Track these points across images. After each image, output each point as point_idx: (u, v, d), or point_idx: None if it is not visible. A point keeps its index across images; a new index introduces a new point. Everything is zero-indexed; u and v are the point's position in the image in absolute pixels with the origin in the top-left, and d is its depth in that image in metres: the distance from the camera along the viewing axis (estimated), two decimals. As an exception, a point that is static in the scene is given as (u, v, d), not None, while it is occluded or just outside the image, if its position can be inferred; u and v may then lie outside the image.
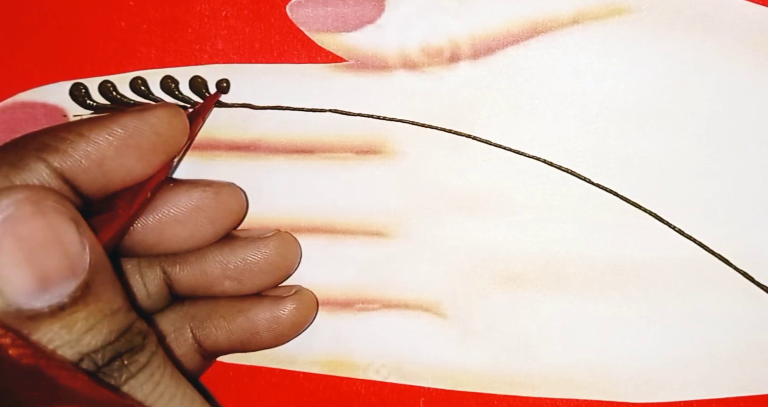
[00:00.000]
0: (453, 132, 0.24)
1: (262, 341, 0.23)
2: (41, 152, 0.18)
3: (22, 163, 0.18)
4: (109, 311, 0.17)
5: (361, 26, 0.24)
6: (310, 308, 0.24)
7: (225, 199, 0.23)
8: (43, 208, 0.16)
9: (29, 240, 0.15)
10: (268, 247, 0.23)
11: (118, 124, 0.19)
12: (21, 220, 0.15)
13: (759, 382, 0.24)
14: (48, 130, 0.19)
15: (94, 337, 0.16)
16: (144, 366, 0.17)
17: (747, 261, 0.23)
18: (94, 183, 0.19)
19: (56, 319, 0.16)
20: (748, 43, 0.23)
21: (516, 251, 0.24)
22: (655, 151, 0.23)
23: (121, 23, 0.25)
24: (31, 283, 0.15)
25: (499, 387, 0.25)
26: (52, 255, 0.16)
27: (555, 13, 0.23)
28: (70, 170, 0.18)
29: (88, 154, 0.19)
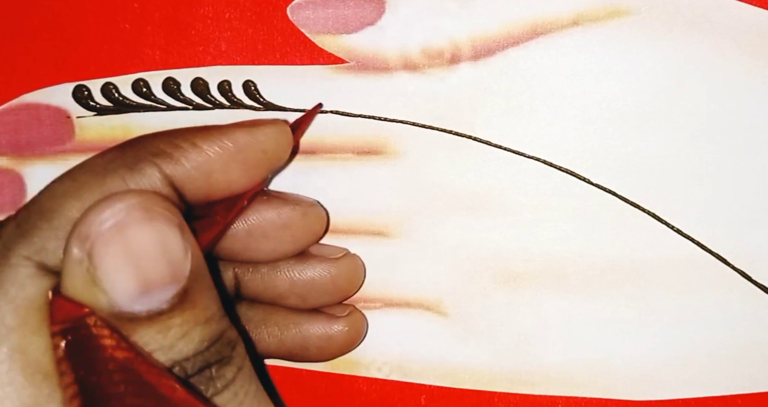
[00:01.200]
0: (453, 132, 0.24)
1: (310, 355, 0.24)
2: (156, 157, 0.18)
3: (137, 167, 0.18)
4: (203, 318, 0.17)
5: (361, 28, 0.24)
6: (360, 330, 0.24)
7: (311, 220, 0.23)
8: (152, 215, 0.16)
9: (137, 245, 0.16)
10: (338, 269, 0.23)
11: (230, 139, 0.20)
12: (131, 226, 0.16)
13: (757, 380, 0.24)
14: (164, 135, 0.19)
15: (187, 345, 0.16)
16: (230, 383, 0.17)
17: (745, 260, 0.23)
18: (199, 192, 0.19)
19: (153, 324, 0.16)
20: (745, 44, 0.23)
21: (516, 250, 0.24)
22: (653, 152, 0.24)
23: (125, 25, 0.25)
24: (134, 287, 0.16)
25: (500, 385, 0.25)
26: (157, 261, 0.16)
27: (555, 15, 0.23)
28: (180, 178, 0.19)
29: (199, 164, 0.19)
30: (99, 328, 0.16)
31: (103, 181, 0.17)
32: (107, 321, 0.16)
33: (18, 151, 0.26)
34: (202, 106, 0.25)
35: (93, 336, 0.15)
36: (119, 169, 0.18)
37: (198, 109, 0.25)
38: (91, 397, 0.15)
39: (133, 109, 0.25)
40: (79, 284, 0.16)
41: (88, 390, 0.15)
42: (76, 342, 0.16)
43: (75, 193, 0.17)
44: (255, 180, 0.21)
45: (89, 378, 0.15)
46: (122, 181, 0.18)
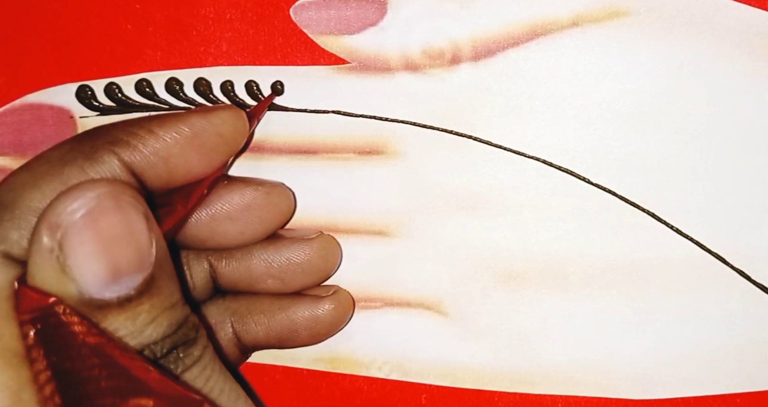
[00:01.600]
0: (454, 133, 0.24)
1: (300, 339, 0.24)
2: (114, 146, 0.18)
3: (95, 155, 0.18)
4: (168, 304, 0.17)
5: (363, 29, 0.24)
6: (347, 308, 0.24)
7: (275, 200, 0.23)
8: (121, 203, 0.16)
9: (107, 233, 0.16)
10: (312, 249, 0.23)
11: (185, 124, 0.20)
12: (102, 214, 0.16)
13: (755, 379, 0.24)
14: (120, 125, 0.19)
15: (155, 329, 0.17)
16: (197, 360, 0.17)
17: (744, 259, 0.24)
18: (159, 178, 0.19)
19: (122, 310, 0.16)
20: (744, 45, 0.23)
21: (516, 250, 0.24)
22: (653, 152, 0.24)
23: (127, 26, 0.25)
24: (104, 274, 0.16)
25: (500, 384, 0.25)
26: (126, 248, 0.16)
27: (554, 16, 0.23)
28: (139, 165, 0.19)
29: (157, 150, 0.19)
30: (68, 316, 0.16)
31: (61, 171, 0.18)
32: (76, 308, 0.16)
33: (21, 151, 0.26)
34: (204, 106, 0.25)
35: (63, 324, 0.16)
36: (77, 158, 0.18)
37: (200, 109, 0.25)
38: (66, 382, 0.15)
39: (136, 109, 0.25)
40: (49, 273, 0.16)
41: (62, 375, 0.15)
42: (45, 329, 0.16)
43: (34, 184, 0.17)
44: (214, 165, 0.21)
45: (63, 363, 0.15)
46: (81, 169, 0.18)
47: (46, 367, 0.16)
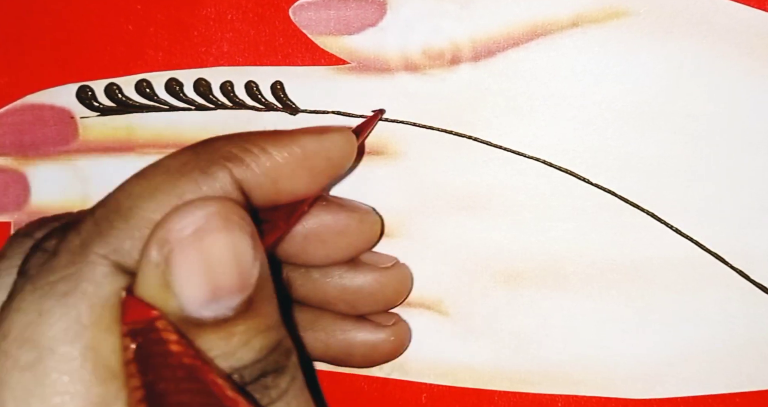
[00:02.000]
0: (454, 133, 0.24)
1: (353, 362, 0.24)
2: (228, 161, 0.18)
3: (210, 170, 0.18)
4: (264, 327, 0.17)
5: (363, 29, 0.24)
6: (404, 340, 0.24)
7: (366, 228, 0.23)
8: (229, 224, 0.16)
9: (212, 253, 0.16)
10: (387, 278, 0.23)
11: (298, 145, 0.20)
12: (209, 234, 0.16)
13: (755, 379, 0.24)
14: (236, 139, 0.19)
15: (248, 353, 0.17)
16: (284, 393, 0.17)
17: (743, 259, 0.24)
18: (266, 197, 0.19)
19: (218, 330, 0.16)
20: (743, 45, 0.23)
21: (516, 250, 0.24)
22: (652, 152, 0.24)
23: (128, 26, 0.25)
24: (204, 294, 0.16)
25: (500, 384, 0.25)
26: (229, 269, 0.16)
27: (554, 16, 0.23)
28: (249, 183, 0.19)
29: (268, 170, 0.19)
30: (167, 333, 0.16)
31: (177, 183, 0.18)
32: (175, 325, 0.16)
33: (22, 152, 0.26)
34: (204, 106, 0.25)
35: (162, 341, 0.16)
36: (193, 171, 0.18)
37: (200, 109, 0.25)
38: (159, 402, 0.15)
39: (136, 109, 0.26)
40: (153, 286, 0.16)
41: (156, 395, 0.15)
42: (145, 344, 0.16)
43: (151, 194, 0.17)
44: (318, 186, 0.21)
45: (157, 383, 0.15)
46: (195, 183, 0.18)
47: (141, 385, 0.16)
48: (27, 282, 0.17)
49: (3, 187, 0.26)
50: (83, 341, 0.16)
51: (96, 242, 0.17)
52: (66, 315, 0.16)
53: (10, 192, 0.26)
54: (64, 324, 0.16)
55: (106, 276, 0.16)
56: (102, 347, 0.16)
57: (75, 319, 0.16)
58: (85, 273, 0.16)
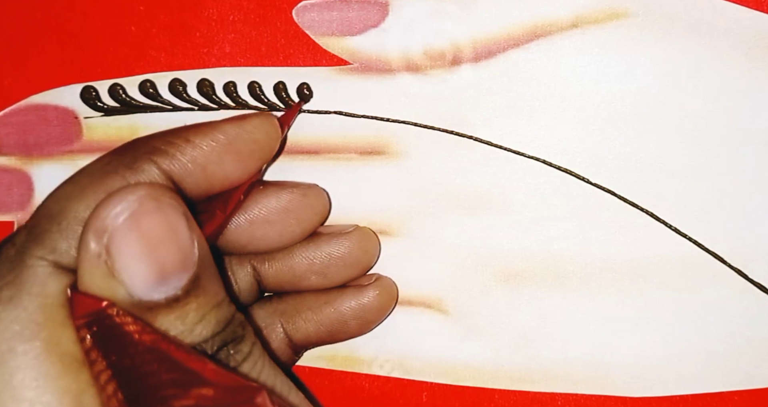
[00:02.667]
0: (455, 133, 0.25)
1: (350, 330, 0.24)
2: (152, 155, 0.19)
3: (136, 165, 0.18)
4: (215, 302, 0.17)
5: (365, 30, 0.24)
6: (391, 293, 0.25)
7: (311, 201, 0.24)
8: (162, 205, 0.16)
9: (150, 235, 0.16)
10: (351, 242, 0.24)
11: (220, 131, 0.20)
12: (144, 216, 0.16)
13: (752, 377, 0.24)
14: (158, 135, 0.20)
15: (204, 327, 0.17)
16: (247, 355, 0.18)
17: (741, 258, 0.24)
18: (197, 185, 0.20)
19: (171, 310, 0.17)
20: (741, 46, 0.23)
21: (516, 249, 0.25)
22: (651, 152, 0.24)
23: (131, 28, 0.26)
24: (151, 276, 0.16)
25: (500, 382, 0.25)
26: (169, 249, 0.16)
27: (554, 18, 0.24)
28: (178, 173, 0.19)
29: (194, 158, 0.19)
30: (122, 317, 0.16)
31: (104, 182, 0.18)
32: (128, 310, 0.16)
33: (26, 151, 0.26)
34: (207, 106, 0.25)
35: (117, 325, 0.16)
36: (118, 168, 0.18)
37: (203, 109, 0.25)
38: (126, 378, 0.16)
39: (139, 109, 0.26)
40: (98, 277, 0.16)
41: (122, 372, 0.16)
42: (101, 331, 0.16)
43: (79, 196, 0.18)
44: (249, 171, 0.21)
45: (122, 361, 0.16)
46: (123, 179, 0.18)
47: (106, 367, 0.16)
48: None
49: (7, 186, 0.26)
50: (41, 337, 0.16)
51: (31, 247, 0.17)
52: (17, 317, 0.16)
53: (14, 191, 0.26)
54: (18, 325, 0.16)
55: (49, 275, 0.17)
56: (62, 340, 0.16)
57: (27, 319, 0.16)
58: (27, 276, 0.17)
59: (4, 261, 0.17)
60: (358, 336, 0.25)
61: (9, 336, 0.16)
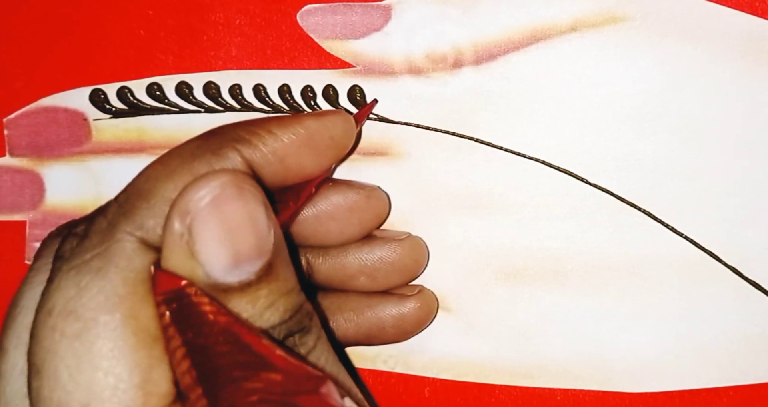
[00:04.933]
0: (456, 134, 0.25)
1: (387, 336, 0.24)
2: (237, 143, 0.19)
3: (221, 151, 0.19)
4: (285, 290, 0.18)
5: (368, 33, 0.25)
6: (432, 307, 0.25)
7: (375, 203, 0.24)
8: (243, 192, 0.17)
9: (230, 220, 0.17)
10: (403, 249, 0.24)
11: (302, 126, 0.21)
12: (225, 201, 0.17)
13: (747, 373, 0.24)
14: (243, 124, 0.20)
15: (273, 314, 0.17)
16: (312, 350, 0.18)
17: (737, 257, 0.24)
18: (275, 176, 0.20)
19: (244, 294, 0.17)
20: (736, 50, 0.23)
21: (517, 248, 0.25)
22: (649, 153, 0.24)
23: (139, 31, 0.26)
24: (227, 259, 0.17)
25: (501, 378, 0.25)
26: (247, 235, 0.17)
27: (554, 21, 0.24)
28: (258, 162, 0.19)
29: (275, 149, 0.20)
30: (199, 297, 0.17)
31: (191, 165, 0.18)
32: (205, 290, 0.17)
33: (37, 152, 0.27)
34: (213, 108, 0.26)
35: (195, 304, 0.16)
36: (205, 153, 0.19)
37: (209, 111, 0.26)
38: (201, 357, 0.16)
39: (147, 111, 0.26)
40: (179, 257, 0.17)
41: (196, 350, 0.16)
42: (180, 309, 0.17)
43: (168, 176, 0.18)
44: (323, 166, 0.22)
45: (197, 339, 0.16)
46: (208, 164, 0.19)
47: (181, 344, 0.16)
48: (63, 263, 0.17)
49: (19, 187, 0.27)
50: (122, 310, 0.17)
51: (122, 222, 0.18)
52: (103, 288, 0.17)
53: (25, 192, 0.27)
54: (102, 296, 0.17)
55: (135, 251, 0.17)
56: (140, 315, 0.17)
57: (112, 291, 0.17)
58: (116, 250, 0.17)
59: (96, 231, 0.18)
60: (393, 344, 0.25)
61: (94, 305, 0.16)
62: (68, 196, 0.27)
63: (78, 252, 0.17)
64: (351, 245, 0.24)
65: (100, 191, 0.26)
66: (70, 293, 0.17)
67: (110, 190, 0.26)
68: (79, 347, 0.16)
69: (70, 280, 0.17)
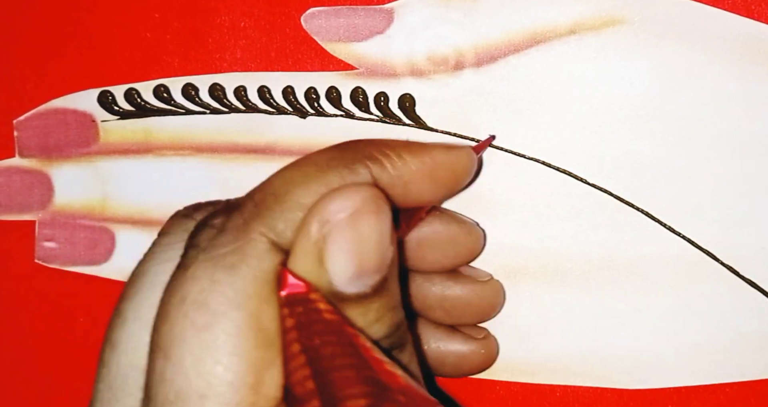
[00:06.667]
0: (457, 135, 0.25)
1: (444, 370, 0.24)
2: (369, 160, 0.20)
3: (353, 166, 0.19)
4: (392, 305, 0.18)
5: (371, 36, 0.25)
6: (493, 354, 0.25)
7: (473, 239, 0.24)
8: (380, 209, 0.18)
9: (363, 233, 0.17)
10: (484, 291, 0.24)
11: (430, 156, 0.21)
12: (363, 215, 0.17)
13: (743, 369, 0.24)
14: (377, 143, 0.20)
15: (381, 327, 0.18)
16: (406, 366, 0.19)
17: (733, 256, 0.24)
18: (396, 199, 0.20)
19: (358, 305, 0.17)
20: (733, 52, 0.23)
21: (517, 247, 0.25)
22: (647, 153, 0.24)
23: (146, 34, 0.26)
24: (352, 271, 0.17)
25: (501, 374, 0.25)
26: (373, 249, 0.17)
27: (553, 24, 0.24)
28: (384, 183, 0.20)
29: (402, 174, 0.20)
30: (322, 303, 0.17)
31: (326, 175, 0.19)
32: (328, 298, 0.17)
33: (46, 153, 0.27)
34: (218, 110, 0.26)
35: (318, 310, 0.17)
36: (338, 166, 0.19)
37: (215, 112, 0.26)
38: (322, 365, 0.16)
39: (154, 113, 0.26)
40: (308, 262, 0.17)
41: (319, 359, 0.16)
42: (305, 313, 0.17)
43: (303, 183, 0.18)
44: (440, 197, 0.22)
45: (322, 348, 0.16)
46: (341, 176, 0.19)
47: (302, 350, 0.16)
48: (200, 253, 0.18)
49: (28, 187, 0.27)
50: (248, 308, 0.17)
51: (256, 221, 0.18)
52: (234, 284, 0.17)
53: (35, 191, 0.27)
54: (232, 292, 0.17)
55: (266, 251, 0.18)
56: (262, 316, 0.17)
57: (241, 288, 0.17)
58: (249, 249, 0.17)
59: (232, 228, 0.18)
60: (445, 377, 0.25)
61: (224, 299, 0.17)
62: (76, 196, 0.27)
63: (215, 245, 0.18)
64: (437, 276, 0.24)
65: (107, 191, 0.27)
66: (204, 284, 0.17)
67: (117, 191, 0.27)
68: (206, 338, 0.16)
69: (205, 271, 0.17)
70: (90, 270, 0.27)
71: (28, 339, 0.28)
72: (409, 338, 0.19)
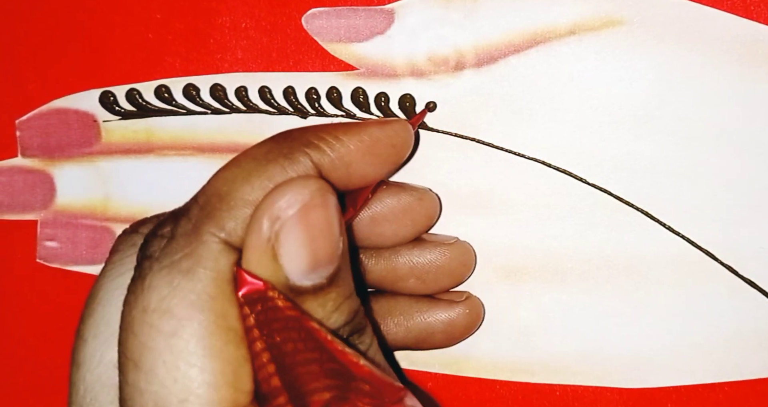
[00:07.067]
0: (457, 135, 0.25)
1: (435, 341, 0.24)
2: (307, 148, 0.20)
3: (292, 156, 0.19)
4: (348, 293, 0.19)
5: (371, 37, 0.25)
6: (479, 313, 0.25)
7: (427, 204, 0.24)
8: (327, 200, 0.18)
9: (314, 226, 0.17)
10: (452, 253, 0.24)
11: (366, 133, 0.21)
12: (312, 208, 0.17)
13: (742, 369, 0.24)
14: (311, 130, 0.20)
15: (339, 316, 0.18)
16: (368, 348, 0.19)
17: (732, 256, 0.24)
18: (339, 182, 0.20)
19: (315, 297, 0.18)
20: (732, 53, 0.24)
21: (517, 247, 0.25)
22: (646, 153, 0.24)
23: (148, 35, 0.26)
24: (307, 264, 0.17)
25: (501, 374, 0.25)
26: (325, 241, 0.18)
27: (553, 25, 0.24)
28: (326, 167, 0.20)
29: (342, 155, 0.20)
30: (280, 300, 0.17)
31: (266, 168, 0.19)
32: (285, 293, 0.17)
33: (48, 153, 0.27)
34: (219, 110, 0.26)
35: (278, 307, 0.17)
36: (278, 158, 0.19)
37: (216, 113, 0.26)
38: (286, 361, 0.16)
39: (155, 113, 0.26)
40: (262, 259, 0.17)
41: (282, 355, 0.16)
42: (264, 312, 0.17)
43: (245, 179, 0.19)
44: (383, 173, 0.22)
45: (284, 344, 0.17)
46: (282, 168, 0.19)
47: (266, 347, 0.17)
48: (154, 262, 0.18)
49: (30, 187, 0.27)
50: (212, 309, 0.17)
51: (205, 223, 0.18)
52: (194, 288, 0.17)
53: (37, 191, 0.27)
54: (194, 296, 0.17)
55: (220, 252, 0.18)
56: (228, 315, 0.17)
57: (202, 291, 0.17)
58: (202, 251, 0.18)
59: (182, 233, 0.18)
60: (441, 349, 0.25)
61: (186, 304, 0.17)
62: (78, 196, 0.27)
63: (167, 252, 0.18)
64: (402, 247, 0.24)
65: (109, 191, 0.27)
66: (163, 292, 0.17)
67: (118, 190, 0.27)
68: (175, 344, 0.17)
69: (162, 279, 0.17)
70: (91, 269, 0.27)
71: (29, 339, 0.28)
72: (367, 322, 0.19)
